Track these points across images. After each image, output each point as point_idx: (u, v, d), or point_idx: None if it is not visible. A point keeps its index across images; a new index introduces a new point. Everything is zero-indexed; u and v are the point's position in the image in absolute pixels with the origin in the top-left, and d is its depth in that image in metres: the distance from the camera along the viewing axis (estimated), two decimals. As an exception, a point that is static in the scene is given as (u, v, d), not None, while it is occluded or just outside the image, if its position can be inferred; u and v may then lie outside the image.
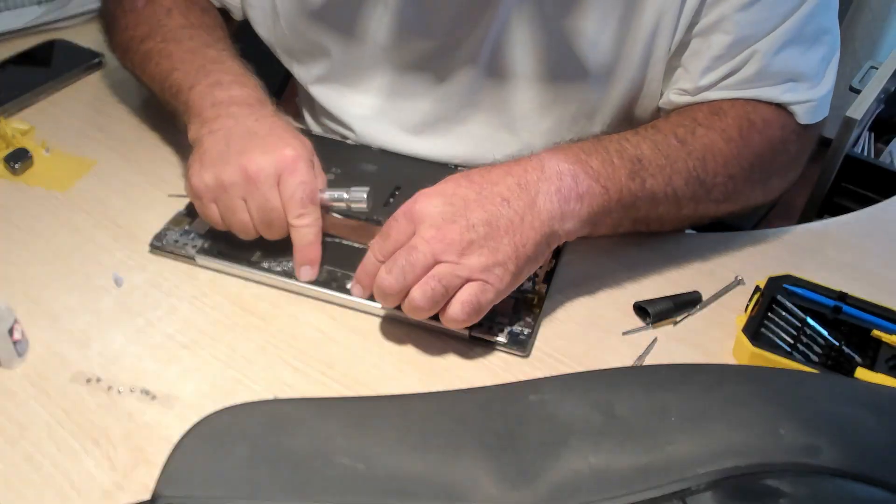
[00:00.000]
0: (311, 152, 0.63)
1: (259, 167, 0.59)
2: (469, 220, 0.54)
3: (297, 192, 0.59)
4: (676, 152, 0.62)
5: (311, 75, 0.79)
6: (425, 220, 0.55)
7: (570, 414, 0.47)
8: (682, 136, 0.63)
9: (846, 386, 0.51)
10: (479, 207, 0.55)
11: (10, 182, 0.72)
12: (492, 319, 0.58)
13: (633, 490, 0.43)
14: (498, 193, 0.56)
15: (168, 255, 0.64)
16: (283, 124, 0.64)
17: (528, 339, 0.58)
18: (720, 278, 0.65)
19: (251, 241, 0.63)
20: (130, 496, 0.48)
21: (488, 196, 0.56)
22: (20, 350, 0.55)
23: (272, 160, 0.59)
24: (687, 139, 0.62)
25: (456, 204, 0.55)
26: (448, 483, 0.44)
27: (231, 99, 0.65)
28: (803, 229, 0.71)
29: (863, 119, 1.18)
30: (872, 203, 0.77)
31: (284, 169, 0.60)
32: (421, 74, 0.73)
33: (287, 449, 0.45)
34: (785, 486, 0.42)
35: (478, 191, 0.56)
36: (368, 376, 0.56)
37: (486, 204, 0.55)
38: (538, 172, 0.57)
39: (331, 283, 0.61)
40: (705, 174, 0.63)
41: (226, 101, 0.64)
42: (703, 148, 0.63)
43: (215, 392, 0.54)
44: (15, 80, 0.83)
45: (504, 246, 0.55)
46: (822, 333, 0.58)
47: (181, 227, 0.66)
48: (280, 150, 0.60)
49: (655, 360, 0.58)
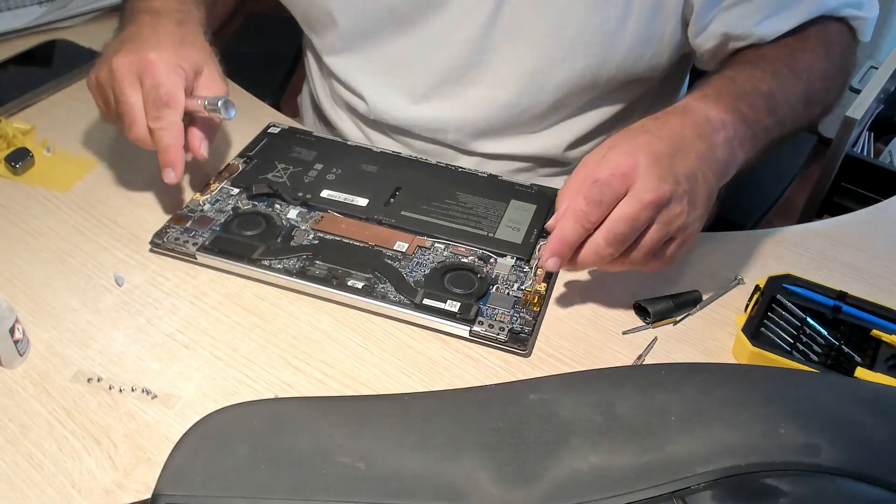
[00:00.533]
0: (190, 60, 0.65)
1: (119, 65, 0.63)
2: (677, 177, 0.55)
3: (150, 93, 0.62)
4: (791, 80, 0.66)
5: (325, 45, 0.81)
6: (641, 181, 0.54)
7: (570, 413, 0.47)
8: (790, 63, 0.67)
9: (846, 385, 0.51)
10: (680, 163, 0.56)
11: (11, 182, 0.72)
12: (492, 318, 0.58)
13: (632, 489, 0.43)
14: (692, 148, 0.57)
15: (168, 252, 0.64)
16: (173, 31, 0.67)
17: (529, 336, 0.58)
18: (720, 278, 0.65)
19: (252, 238, 0.63)
20: (131, 495, 0.48)
21: (685, 151, 0.56)
22: (21, 349, 0.55)
23: (133, 60, 0.63)
24: (794, 65, 0.67)
25: (662, 161, 0.55)
26: (448, 482, 0.44)
27: (146, 8, 0.70)
28: (803, 229, 0.71)
29: (862, 119, 1.18)
30: (872, 203, 0.77)
31: (143, 71, 0.63)
32: (427, 37, 0.74)
33: (287, 448, 0.45)
34: (784, 485, 0.42)
35: (671, 146, 0.56)
36: (369, 376, 0.56)
37: (685, 159, 0.56)
38: (707, 124, 0.58)
39: (331, 281, 0.61)
40: (814, 93, 0.68)
41: (141, 10, 0.70)
42: (807, 70, 0.67)
43: (216, 391, 0.54)
44: (16, 80, 0.83)
45: (701, 200, 0.57)
46: (822, 333, 0.58)
47: (182, 225, 0.66)
48: (144, 53, 0.63)
49: (655, 360, 0.58)
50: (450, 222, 0.67)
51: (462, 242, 0.65)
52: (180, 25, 0.68)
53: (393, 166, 0.73)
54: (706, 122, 0.58)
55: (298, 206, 0.68)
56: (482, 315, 0.59)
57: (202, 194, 0.69)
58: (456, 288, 0.61)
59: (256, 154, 0.74)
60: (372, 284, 0.61)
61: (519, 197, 0.70)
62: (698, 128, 0.58)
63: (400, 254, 0.63)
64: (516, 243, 0.65)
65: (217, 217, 0.67)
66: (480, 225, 0.67)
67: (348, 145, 0.77)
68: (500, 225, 0.67)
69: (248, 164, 0.73)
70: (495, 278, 0.62)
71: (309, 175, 0.71)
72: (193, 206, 0.68)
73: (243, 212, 0.67)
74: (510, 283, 0.62)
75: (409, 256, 0.63)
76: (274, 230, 0.65)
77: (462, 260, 0.63)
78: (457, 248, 0.65)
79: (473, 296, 0.60)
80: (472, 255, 0.64)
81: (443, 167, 0.74)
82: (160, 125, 0.62)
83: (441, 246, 0.65)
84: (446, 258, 0.64)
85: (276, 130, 0.78)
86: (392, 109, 0.79)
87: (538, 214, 0.68)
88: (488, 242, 0.65)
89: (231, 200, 0.68)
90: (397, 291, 0.60)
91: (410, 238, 0.65)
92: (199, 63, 0.67)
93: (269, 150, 0.75)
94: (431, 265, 0.63)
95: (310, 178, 0.71)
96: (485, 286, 0.61)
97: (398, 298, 0.60)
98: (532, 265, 0.64)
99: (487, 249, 0.64)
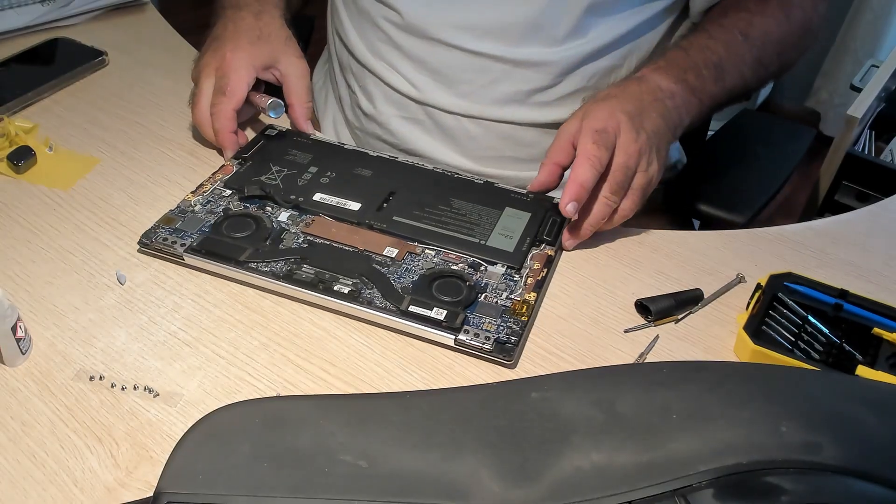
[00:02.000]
0: (262, 56, 0.76)
1: (203, 63, 0.76)
2: (647, 131, 0.65)
3: (217, 83, 0.73)
4: (743, 48, 0.73)
5: None
6: (624, 135, 0.64)
7: (571, 411, 0.47)
8: (744, 30, 0.74)
9: (847, 383, 0.51)
10: (647, 120, 0.65)
11: (14, 180, 0.72)
12: (478, 327, 0.58)
13: (634, 487, 0.43)
14: (654, 108, 0.66)
15: (157, 253, 0.64)
16: (251, 25, 0.77)
17: (515, 347, 0.57)
18: (722, 276, 0.65)
19: (241, 240, 0.63)
20: (133, 493, 0.48)
21: (647, 111, 0.66)
22: (23, 348, 0.55)
23: (213, 57, 0.75)
24: (748, 32, 0.74)
25: (634, 118, 0.65)
26: (450, 480, 0.44)
27: (228, 4, 0.80)
28: (804, 227, 0.72)
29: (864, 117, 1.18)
30: (873, 201, 0.77)
31: (219, 66, 0.74)
32: None
33: (289, 446, 0.45)
34: (786, 483, 0.42)
35: (636, 107, 0.66)
36: (370, 374, 0.56)
37: (647, 118, 0.66)
38: (658, 92, 0.68)
39: (317, 285, 0.60)
40: (767, 58, 0.75)
41: (224, 5, 0.80)
42: (762, 36, 0.74)
43: (218, 389, 0.54)
44: (18, 79, 0.83)
45: (663, 153, 0.67)
46: (824, 331, 0.58)
47: (171, 225, 0.65)
48: (223, 51, 0.75)
49: (657, 358, 0.58)
50: (441, 228, 0.66)
51: (453, 249, 0.64)
52: (258, 17, 0.78)
53: (388, 171, 0.73)
54: (658, 89, 0.68)
55: (290, 209, 0.67)
56: (468, 324, 0.58)
57: (194, 195, 0.68)
58: (443, 295, 0.60)
59: (252, 156, 0.73)
60: (358, 290, 0.60)
61: (514, 204, 0.69)
62: (653, 94, 0.67)
63: (389, 259, 0.63)
64: (508, 251, 0.64)
65: (208, 218, 0.66)
66: (472, 232, 0.66)
67: (345, 149, 0.76)
68: (492, 232, 0.66)
69: (242, 165, 0.72)
70: (484, 286, 0.61)
71: (303, 178, 0.71)
72: (184, 207, 0.67)
73: (233, 213, 0.67)
74: (499, 292, 0.61)
75: (398, 262, 0.63)
76: (263, 233, 0.64)
77: (452, 267, 0.63)
78: (447, 254, 0.64)
79: (461, 304, 0.59)
80: (462, 262, 0.63)
81: (439, 172, 0.73)
82: (214, 111, 0.73)
83: (431, 252, 0.64)
84: (436, 265, 0.63)
85: (274, 133, 0.77)
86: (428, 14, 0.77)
87: (532, 223, 0.67)
88: (480, 250, 0.64)
89: (223, 202, 0.68)
90: (383, 297, 0.59)
91: (401, 244, 0.64)
92: (273, 56, 0.77)
93: (264, 152, 0.74)
94: (420, 272, 0.62)
95: (304, 181, 0.70)
96: (473, 294, 0.60)
97: (384, 305, 0.59)
98: (523, 274, 0.63)
99: (478, 257, 0.64)
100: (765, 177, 0.97)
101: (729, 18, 0.74)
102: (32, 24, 0.93)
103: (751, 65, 0.74)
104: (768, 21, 0.75)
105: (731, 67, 0.72)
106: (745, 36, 0.73)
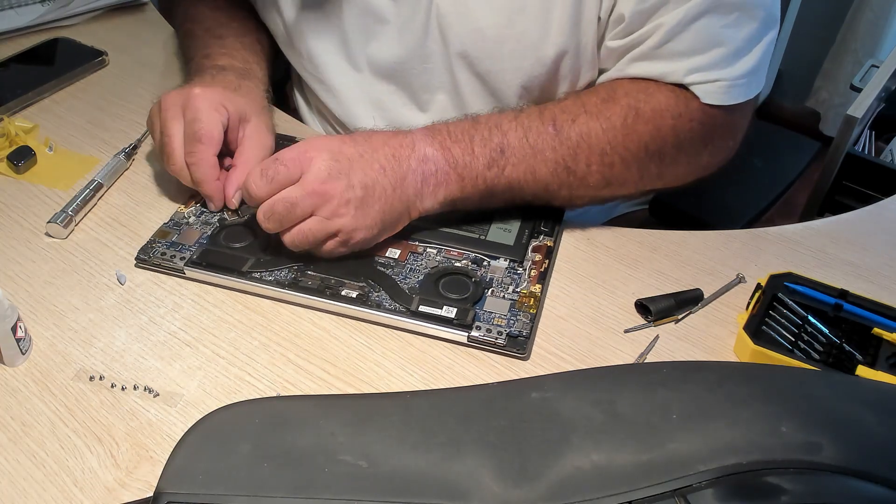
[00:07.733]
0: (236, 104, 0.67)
1: (167, 99, 0.66)
2: (351, 180, 0.58)
3: (188, 128, 0.64)
4: (547, 141, 0.63)
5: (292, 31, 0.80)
6: (312, 172, 0.58)
7: (571, 411, 0.47)
8: (560, 125, 0.63)
9: (847, 383, 0.51)
10: (360, 170, 0.59)
11: (14, 180, 0.72)
12: (489, 322, 0.58)
13: (634, 487, 0.43)
14: (377, 160, 0.60)
15: (156, 268, 0.63)
16: (232, 80, 0.70)
17: (528, 340, 0.57)
18: (721, 276, 0.65)
19: (241, 250, 0.63)
20: (133, 493, 0.48)
21: (369, 161, 0.59)
22: (23, 348, 0.55)
23: (179, 94, 0.66)
24: (563, 127, 0.63)
25: (341, 161, 0.58)
26: (450, 481, 0.44)
27: (210, 65, 0.73)
28: (804, 227, 0.71)
29: (864, 117, 1.18)
30: (873, 201, 0.77)
31: (186, 104, 0.65)
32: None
33: (289, 446, 0.46)
34: (786, 483, 0.42)
35: (361, 153, 0.59)
36: (370, 374, 0.56)
37: (367, 168, 0.59)
38: (410, 150, 0.61)
39: (324, 291, 0.60)
40: (575, 164, 0.64)
41: (206, 66, 0.73)
42: (577, 137, 0.63)
43: (218, 390, 0.54)
44: (18, 79, 0.83)
45: (374, 212, 0.59)
46: (824, 331, 0.58)
47: (167, 239, 0.64)
48: (191, 88, 0.66)
49: (657, 358, 0.58)
50: (441, 226, 0.66)
51: (454, 246, 0.64)
52: (241, 78, 0.72)
53: None
54: (410, 147, 0.61)
55: None
56: (479, 319, 0.58)
57: (186, 207, 0.68)
58: (451, 293, 0.60)
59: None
60: (366, 293, 0.60)
61: None
62: (399, 149, 0.61)
63: (392, 260, 0.63)
64: (508, 245, 0.65)
65: (203, 230, 0.66)
66: (471, 228, 0.66)
67: None
68: (490, 227, 0.66)
69: None
70: (490, 281, 0.62)
71: None
72: (178, 220, 0.67)
73: (230, 224, 0.66)
74: (505, 286, 0.61)
75: (402, 263, 0.63)
76: (262, 242, 0.64)
77: (455, 264, 0.63)
78: (449, 252, 0.64)
79: (469, 300, 0.60)
80: (464, 258, 0.64)
81: None
82: (192, 160, 0.65)
83: (433, 251, 0.64)
84: (439, 263, 0.63)
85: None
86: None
87: (528, 215, 0.68)
88: (480, 245, 0.64)
89: (216, 213, 0.68)
90: (392, 299, 0.59)
91: (402, 244, 0.64)
92: (246, 110, 0.68)
93: None
94: (425, 271, 0.62)
95: None
96: (480, 290, 0.61)
97: (394, 306, 0.59)
98: (526, 266, 0.63)
99: (480, 252, 0.64)
100: (759, 190, 0.97)
101: (556, 107, 0.64)
102: (32, 24, 0.93)
103: (551, 164, 0.63)
104: (595, 124, 0.63)
105: (516, 158, 0.62)
106: (557, 130, 0.63)
